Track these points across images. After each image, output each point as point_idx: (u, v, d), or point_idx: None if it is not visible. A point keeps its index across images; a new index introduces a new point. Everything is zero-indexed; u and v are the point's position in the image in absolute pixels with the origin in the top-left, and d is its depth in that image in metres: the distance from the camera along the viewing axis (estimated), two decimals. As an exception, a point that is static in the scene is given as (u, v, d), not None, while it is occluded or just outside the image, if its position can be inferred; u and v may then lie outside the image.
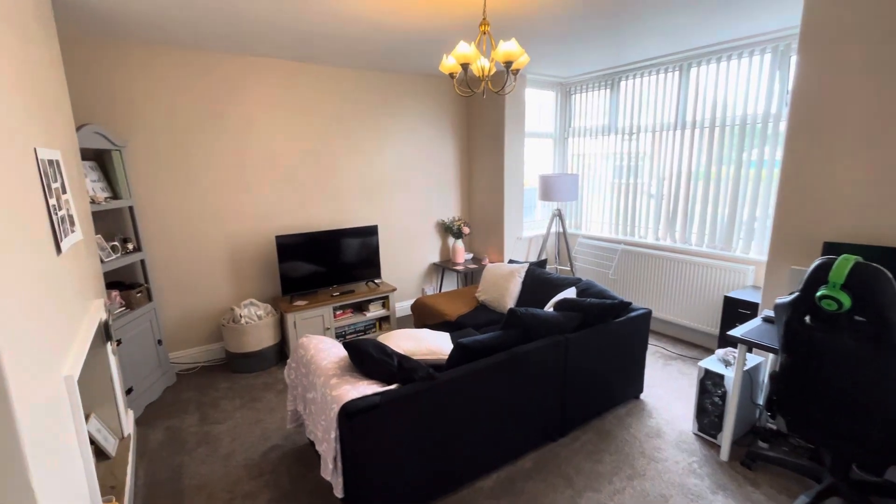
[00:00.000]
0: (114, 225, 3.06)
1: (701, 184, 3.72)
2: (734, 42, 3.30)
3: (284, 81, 3.65)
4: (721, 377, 2.45)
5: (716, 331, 3.57)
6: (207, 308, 3.61)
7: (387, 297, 4.05)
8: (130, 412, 2.69)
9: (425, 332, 2.77)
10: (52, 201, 1.58)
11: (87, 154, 2.88)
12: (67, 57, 2.86)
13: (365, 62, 3.78)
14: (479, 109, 4.58)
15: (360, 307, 4.02)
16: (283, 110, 3.69)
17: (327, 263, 3.85)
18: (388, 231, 4.45)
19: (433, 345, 2.62)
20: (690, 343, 3.84)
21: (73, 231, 1.84)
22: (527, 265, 3.59)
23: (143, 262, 3.10)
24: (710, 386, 2.51)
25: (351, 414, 1.78)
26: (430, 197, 4.67)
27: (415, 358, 2.55)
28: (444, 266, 4.64)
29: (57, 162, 1.77)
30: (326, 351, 2.32)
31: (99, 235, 2.80)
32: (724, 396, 2.45)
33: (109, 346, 2.17)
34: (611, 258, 4.40)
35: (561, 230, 4.74)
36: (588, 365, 2.59)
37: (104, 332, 2.10)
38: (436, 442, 2.04)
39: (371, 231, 4.04)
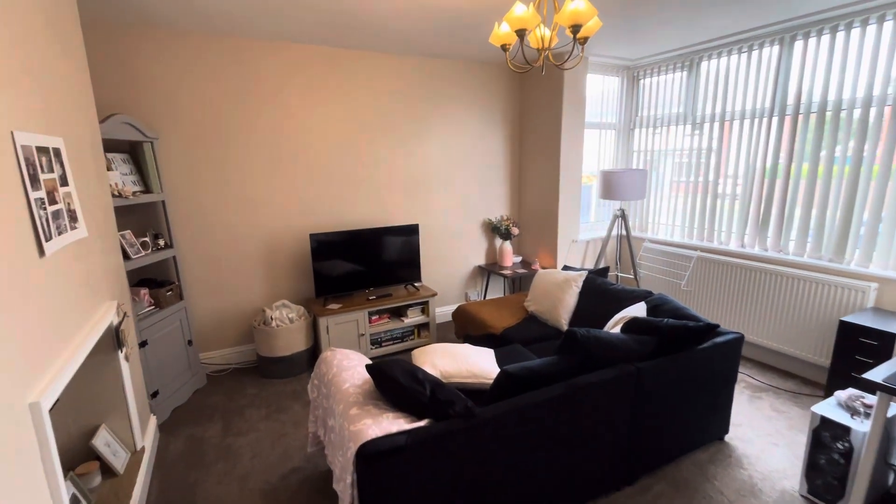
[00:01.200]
0: (146, 220, 2.95)
1: (803, 182, 3.08)
2: (856, 5, 2.65)
3: (322, 70, 3.41)
4: (845, 430, 1.90)
5: (824, 361, 2.93)
6: (241, 308, 3.46)
7: (426, 303, 3.73)
8: (153, 418, 2.55)
9: (466, 349, 2.42)
10: (38, 195, 1.38)
11: (119, 146, 2.77)
12: (98, 45, 2.76)
13: (408, 47, 3.46)
14: (534, 97, 4.14)
15: (399, 312, 3.73)
16: (320, 101, 3.46)
17: (364, 264, 3.59)
18: (429, 230, 4.13)
19: (475, 366, 2.26)
20: (786, 372, 3.21)
21: (73, 228, 1.65)
22: (585, 273, 3.13)
23: (174, 259, 2.97)
24: (827, 439, 1.97)
25: (370, 457, 1.46)
26: (476, 194, 4.30)
27: (454, 381, 2.20)
28: (489, 270, 4.25)
29: (55, 150, 1.58)
30: (351, 370, 2.02)
31: (128, 231, 2.69)
32: (847, 454, 1.90)
33: (121, 353, 1.99)
34: (683, 266, 3.82)
35: (624, 233, 4.21)
36: (663, 400, 2.12)
37: (115, 338, 1.92)
38: (474, 492, 1.68)
39: (411, 230, 3.74)
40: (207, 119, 3.11)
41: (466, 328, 3.37)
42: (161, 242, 2.90)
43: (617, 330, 2.35)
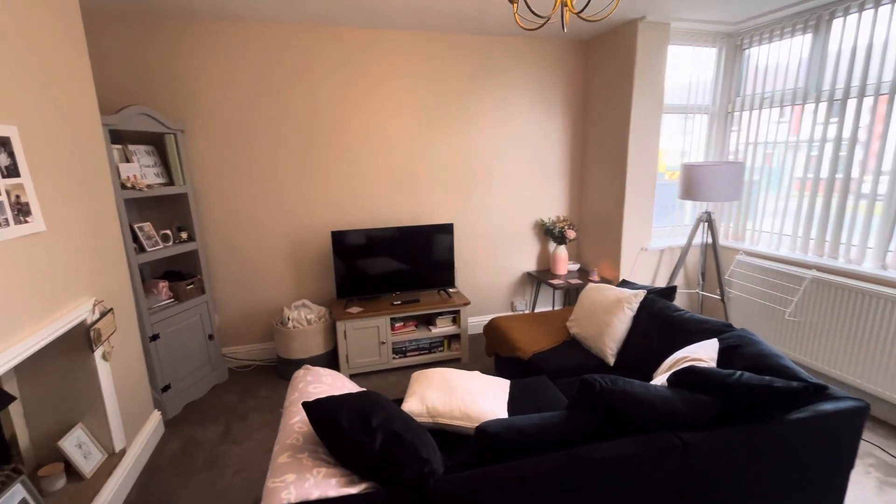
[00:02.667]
0: (172, 212, 2.94)
1: None
2: None
3: (351, 53, 3.16)
4: None
5: None
6: (267, 304, 3.38)
7: (457, 312, 3.33)
8: (155, 414, 2.51)
9: (472, 380, 1.99)
10: (-54, 185, 1.26)
11: (144, 137, 2.78)
12: (119, 37, 2.77)
13: (452, 22, 3.06)
14: (601, 76, 3.49)
15: (428, 320, 3.38)
16: (350, 88, 3.21)
17: (390, 265, 3.29)
18: (472, 230, 3.71)
19: (473, 405, 1.83)
20: (941, 450, 2.27)
21: (22, 222, 1.55)
22: (643, 294, 2.49)
23: (197, 252, 2.94)
24: None
25: (275, 530, 1.13)
26: (528, 190, 3.77)
27: (442, 422, 1.80)
28: (540, 278, 3.71)
29: (5, 140, 1.48)
30: (316, 397, 1.71)
31: (147, 223, 2.68)
32: None
33: (98, 353, 1.91)
34: (790, 290, 2.93)
35: (710, 242, 3.40)
36: (726, 490, 1.50)
37: (86, 337, 1.83)
38: (425, 585, 1.28)
39: (445, 230, 3.35)
40: (233, 110, 3.03)
41: (496, 346, 2.91)
42: (184, 235, 2.88)
43: (664, 378, 1.74)
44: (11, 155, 1.53)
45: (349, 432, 1.34)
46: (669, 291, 2.51)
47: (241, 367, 3.34)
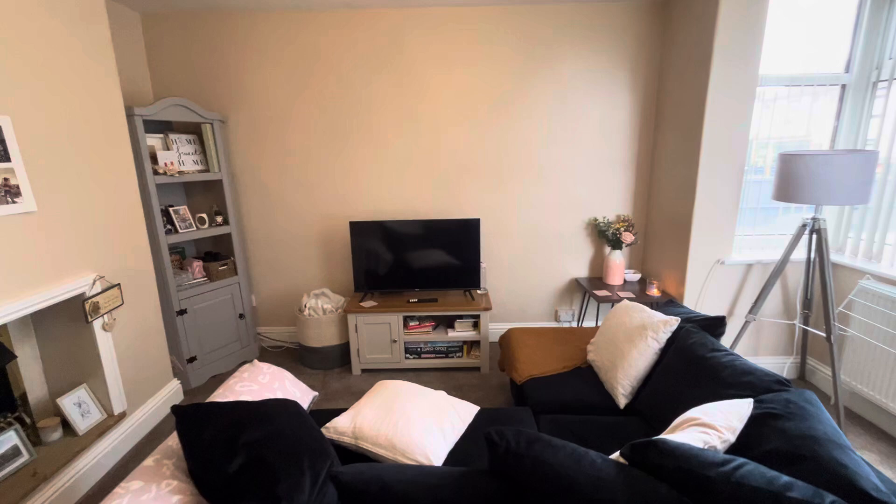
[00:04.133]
0: (212, 197, 3.15)
1: None
2: None
3: (384, 37, 3.00)
4: None
5: None
6: (297, 289, 3.47)
7: (478, 318, 3.02)
8: (173, 383, 2.73)
9: (424, 402, 1.73)
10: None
11: (186, 127, 3.00)
12: (175, 34, 3.00)
13: (479, -7, 2.73)
14: (679, 46, 2.80)
15: (448, 322, 3.14)
16: (381, 73, 3.07)
17: (408, 260, 3.11)
18: (510, 226, 3.32)
19: (404, 433, 1.57)
20: None
21: (13, 202, 1.73)
22: (675, 322, 1.91)
23: (231, 235, 3.12)
24: None
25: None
26: (581, 183, 3.24)
27: (365, 447, 1.58)
28: (587, 287, 3.18)
29: (-8, 126, 1.65)
30: (242, 396, 1.63)
31: (183, 207, 2.91)
32: None
33: (98, 324, 2.10)
34: (940, 337, 2.01)
35: (817, 258, 2.53)
36: None
37: (82, 308, 2.02)
38: None
39: (470, 226, 3.05)
40: (269, 100, 3.12)
41: (504, 361, 2.55)
42: (219, 219, 3.07)
43: (678, 437, 1.26)
44: (3, 142, 1.70)
45: (207, 447, 1.21)
46: (714, 323, 1.89)
47: (272, 347, 3.51)
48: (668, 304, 2.28)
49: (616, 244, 3.12)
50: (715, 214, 2.67)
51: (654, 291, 2.93)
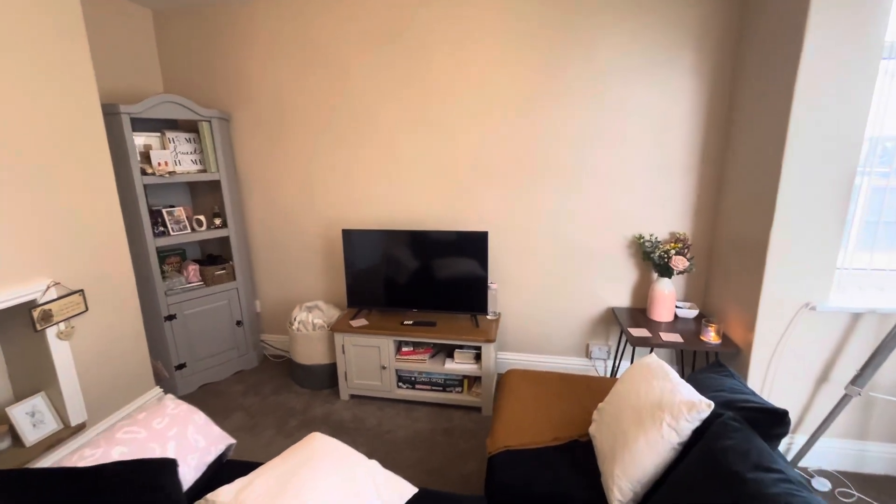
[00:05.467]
0: (216, 199, 3.02)
1: None
2: None
3: (384, 21, 2.63)
4: None
5: None
6: (299, 297, 3.25)
7: (479, 350, 2.54)
8: (155, 391, 2.63)
9: (350, 483, 1.34)
10: None
11: (186, 125, 2.89)
12: (175, 26, 2.90)
13: (491, -42, 2.23)
14: (767, 15, 2.06)
15: (449, 350, 2.70)
16: (387, 66, 2.69)
17: (405, 276, 2.72)
18: (532, 241, 2.78)
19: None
20: None
21: (-60, 205, 1.64)
22: (706, 410, 1.28)
23: (228, 239, 2.97)
24: None
25: None
26: (625, 191, 2.60)
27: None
28: (625, 322, 2.53)
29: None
30: (121, 444, 1.36)
31: (179, 208, 2.80)
32: None
33: (51, 332, 2.01)
34: None
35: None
36: None
37: (29, 315, 1.93)
38: None
39: (476, 240, 2.57)
40: (273, 98, 2.91)
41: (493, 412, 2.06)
42: (217, 222, 2.94)
43: None
44: (-70, 141, 1.61)
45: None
46: (772, 418, 1.23)
47: (274, 356, 3.33)
48: (714, 366, 1.62)
49: (664, 270, 2.44)
50: (804, 237, 1.91)
51: (710, 336, 2.21)
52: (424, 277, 2.69)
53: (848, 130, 1.79)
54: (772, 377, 2.06)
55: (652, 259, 2.48)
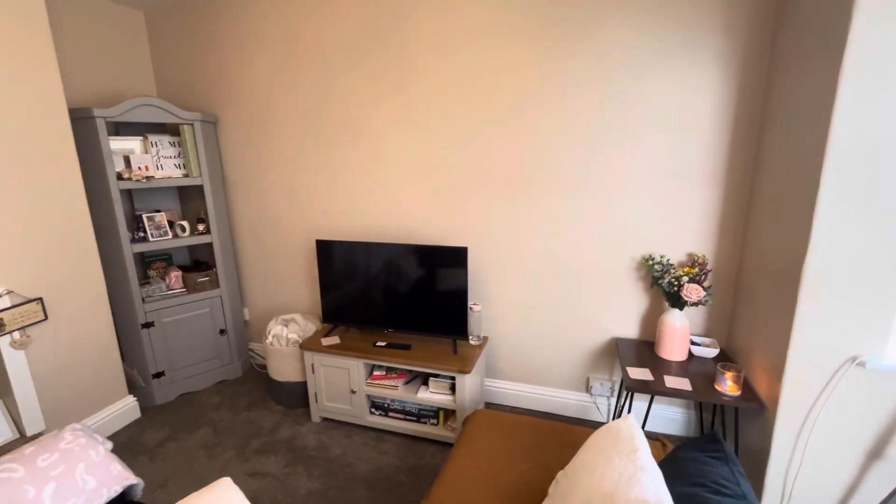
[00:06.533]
0: (201, 204, 2.94)
1: None
2: None
3: (366, 16, 2.41)
4: None
5: None
6: (287, 307, 3.12)
7: (452, 380, 2.26)
8: (128, 399, 2.58)
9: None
10: None
11: (171, 129, 2.83)
12: (165, 28, 2.84)
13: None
14: (799, -26, 1.63)
15: (425, 377, 2.43)
16: (363, 60, 2.48)
17: (381, 293, 2.48)
18: (528, 258, 2.45)
19: None
20: None
21: None
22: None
23: (211, 245, 2.88)
24: None
25: None
26: (633, 203, 2.21)
27: None
28: (626, 357, 2.15)
29: None
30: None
31: (161, 213, 2.74)
32: None
33: (6, 341, 1.97)
34: None
35: None
36: None
37: (-22, 325, 1.89)
38: None
39: (453, 256, 2.29)
40: (258, 96, 2.78)
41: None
42: (200, 227, 2.86)
43: None
44: None
45: None
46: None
47: (260, 366, 3.22)
48: (707, 440, 1.24)
49: (675, 300, 2.03)
50: (852, 265, 1.47)
51: (726, 385, 1.79)
52: (400, 295, 2.44)
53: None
54: (804, 445, 1.62)
55: (661, 286, 2.08)
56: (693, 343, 2.14)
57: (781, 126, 1.74)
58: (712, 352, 2.07)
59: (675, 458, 1.21)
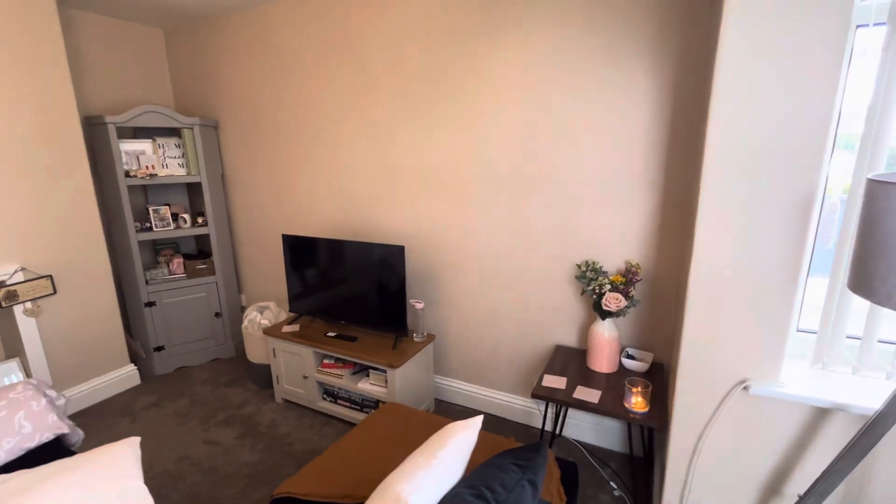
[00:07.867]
0: (201, 199, 3.29)
1: None
2: None
3: (325, 20, 2.56)
4: None
5: None
6: (277, 294, 3.38)
7: (384, 373, 2.34)
8: (128, 368, 2.98)
9: None
10: None
11: (175, 132, 3.19)
12: (179, 43, 3.19)
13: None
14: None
15: (366, 369, 2.54)
16: (331, 64, 2.63)
17: (333, 287, 2.63)
18: (471, 258, 2.46)
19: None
20: None
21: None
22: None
23: (208, 236, 3.22)
24: None
25: None
26: (576, 207, 2.14)
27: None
28: (558, 364, 2.10)
29: None
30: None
31: (165, 206, 3.11)
32: None
33: (18, 310, 2.39)
34: None
35: None
36: None
37: (-2, 295, 2.32)
38: None
39: (391, 254, 2.36)
40: (246, 101, 3.06)
41: (348, 448, 1.86)
42: (199, 220, 3.20)
43: None
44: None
45: None
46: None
47: (252, 349, 3.52)
48: (527, 449, 1.22)
49: (603, 311, 1.95)
50: (737, 285, 1.34)
51: (632, 402, 1.70)
52: (348, 290, 2.57)
53: (802, 135, 1.20)
54: (694, 474, 1.50)
55: (589, 293, 2.00)
56: (628, 356, 2.04)
57: (697, 131, 1.62)
58: (642, 366, 1.95)
59: (488, 462, 1.21)
